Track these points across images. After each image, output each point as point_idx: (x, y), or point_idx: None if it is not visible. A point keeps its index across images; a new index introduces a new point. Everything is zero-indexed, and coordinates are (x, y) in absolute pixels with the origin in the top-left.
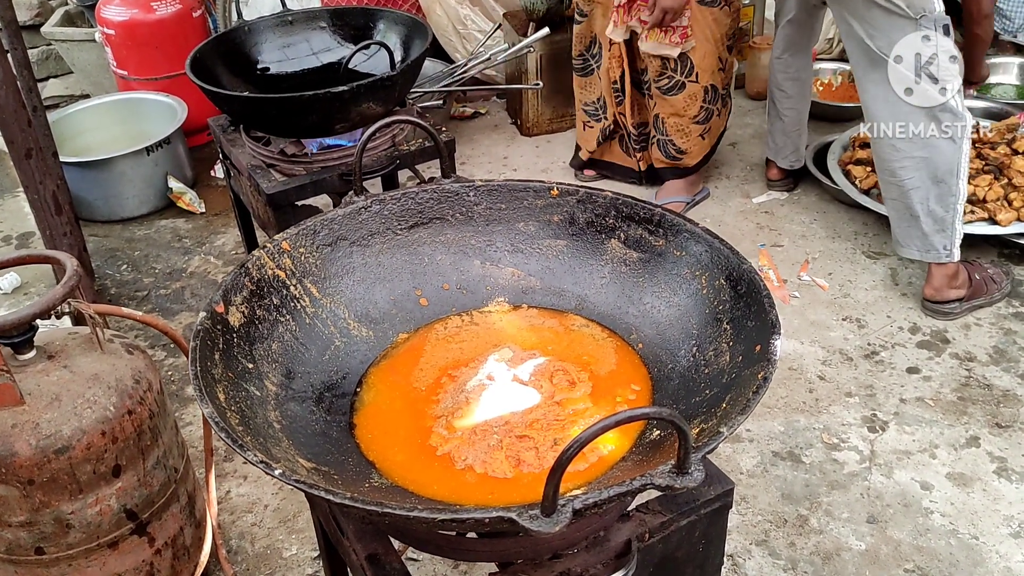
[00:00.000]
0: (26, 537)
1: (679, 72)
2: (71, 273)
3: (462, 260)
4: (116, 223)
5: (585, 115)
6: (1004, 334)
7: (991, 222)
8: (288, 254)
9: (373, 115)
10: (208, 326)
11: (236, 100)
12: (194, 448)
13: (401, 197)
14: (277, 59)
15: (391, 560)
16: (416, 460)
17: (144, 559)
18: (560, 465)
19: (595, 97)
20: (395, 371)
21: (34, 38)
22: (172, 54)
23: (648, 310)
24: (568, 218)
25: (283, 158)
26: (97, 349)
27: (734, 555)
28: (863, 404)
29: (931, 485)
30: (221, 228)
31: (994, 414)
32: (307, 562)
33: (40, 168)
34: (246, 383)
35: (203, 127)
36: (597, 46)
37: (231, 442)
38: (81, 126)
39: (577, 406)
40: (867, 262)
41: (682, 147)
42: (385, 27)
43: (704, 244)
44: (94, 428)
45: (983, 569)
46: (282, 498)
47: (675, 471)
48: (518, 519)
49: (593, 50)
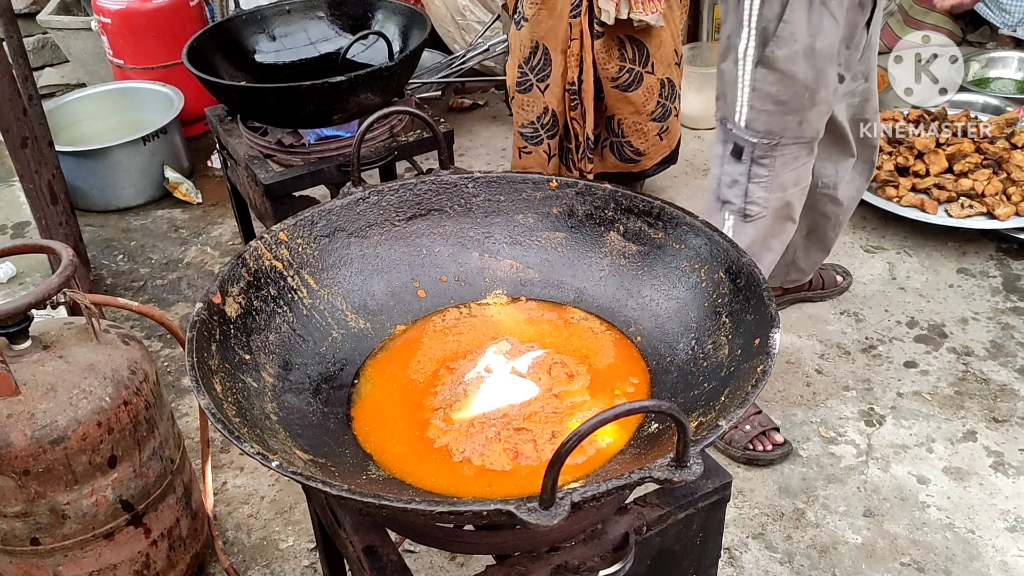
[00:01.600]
0: (21, 528)
1: (637, 62)
2: (67, 263)
3: (460, 252)
4: (112, 213)
5: (522, 140)
6: (1001, 329)
7: (989, 216)
8: (285, 245)
9: (371, 106)
10: (205, 317)
11: (233, 90)
12: (190, 439)
13: (399, 188)
14: (275, 49)
15: (388, 552)
16: (414, 452)
17: (140, 550)
18: (559, 457)
19: (536, 115)
20: (393, 363)
21: (30, 26)
22: (169, 43)
23: (647, 303)
24: (567, 210)
25: (280, 148)
26: (93, 339)
27: (731, 548)
28: (860, 398)
29: (928, 479)
30: (218, 219)
31: (991, 408)
32: (303, 554)
33: (36, 157)
34: (243, 374)
35: (200, 117)
36: (541, 54)
37: (228, 433)
38: (77, 115)
39: (575, 399)
40: (865, 256)
41: (640, 148)
42: (383, 17)
43: (704, 237)
44: (90, 419)
45: (979, 563)
46: (278, 490)
47: (674, 464)
48: (516, 512)
49: (534, 61)
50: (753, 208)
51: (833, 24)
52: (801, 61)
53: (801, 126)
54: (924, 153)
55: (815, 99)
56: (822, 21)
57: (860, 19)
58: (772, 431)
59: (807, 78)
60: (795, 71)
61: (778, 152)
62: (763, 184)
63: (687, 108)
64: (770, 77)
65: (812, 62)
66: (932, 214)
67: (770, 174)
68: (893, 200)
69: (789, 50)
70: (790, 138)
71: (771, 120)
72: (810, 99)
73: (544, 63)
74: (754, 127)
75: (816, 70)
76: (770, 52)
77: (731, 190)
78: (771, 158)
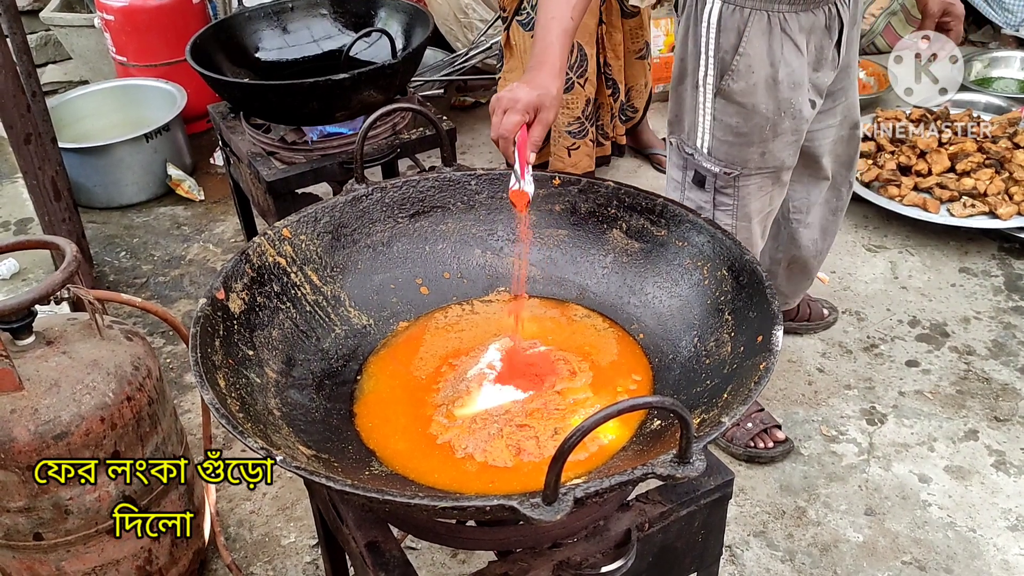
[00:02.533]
0: (24, 523)
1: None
2: (70, 259)
3: (463, 249)
4: (115, 210)
5: (569, 138)
6: (1003, 328)
7: (992, 216)
8: (289, 241)
9: (374, 103)
10: (209, 312)
11: (236, 87)
12: (192, 435)
13: (403, 185)
14: (277, 46)
15: (391, 548)
16: (416, 448)
17: (142, 546)
18: (563, 453)
19: (580, 110)
20: (395, 359)
21: (33, 23)
22: (172, 40)
23: (649, 300)
24: (570, 207)
25: (283, 146)
26: (96, 335)
27: (732, 546)
28: (862, 397)
29: (929, 478)
30: (220, 216)
31: (993, 407)
32: (305, 550)
33: (39, 154)
34: (246, 370)
35: (202, 114)
36: (577, 52)
37: (232, 428)
38: (80, 112)
39: (578, 396)
40: (867, 255)
41: (636, 105)
42: (386, 15)
43: (706, 235)
44: (93, 414)
45: (980, 562)
46: (280, 486)
47: (677, 461)
48: (520, 507)
49: (571, 60)
50: None
51: (795, 52)
52: (761, 93)
53: (764, 157)
54: (926, 152)
55: (777, 130)
56: (782, 50)
57: (827, 42)
58: (774, 429)
59: (768, 110)
60: (755, 103)
61: (741, 183)
62: (728, 211)
63: None
64: (729, 109)
65: (774, 93)
66: (934, 213)
67: (735, 203)
68: (895, 199)
69: (747, 83)
70: (753, 168)
71: (732, 151)
72: (772, 130)
73: (581, 59)
74: (717, 156)
75: (778, 100)
76: (726, 85)
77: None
78: (735, 188)
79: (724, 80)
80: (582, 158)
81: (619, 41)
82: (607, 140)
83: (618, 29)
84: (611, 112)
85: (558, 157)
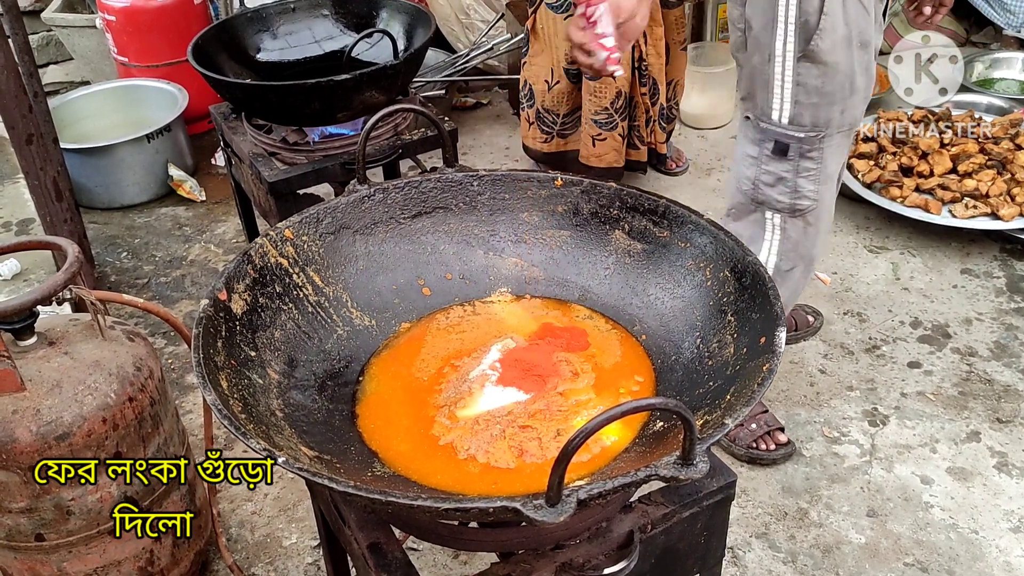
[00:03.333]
0: (26, 523)
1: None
2: (72, 259)
3: (465, 250)
4: (116, 210)
5: (595, 127)
6: (1005, 329)
7: (993, 217)
8: (291, 242)
9: (376, 104)
10: (211, 313)
11: (238, 87)
12: (194, 436)
13: (404, 186)
14: (279, 47)
15: (393, 549)
16: (418, 450)
17: (144, 547)
18: (566, 454)
19: (610, 101)
20: (397, 360)
21: (34, 24)
22: (173, 41)
23: (652, 301)
24: (572, 208)
25: (285, 146)
26: (98, 336)
27: (734, 547)
28: (864, 398)
29: (931, 479)
30: (222, 216)
31: (995, 409)
32: (307, 551)
33: (40, 154)
34: (248, 371)
35: (204, 115)
36: None
37: (234, 429)
38: (81, 113)
39: (580, 397)
40: (869, 256)
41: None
42: (388, 16)
43: (709, 236)
44: (95, 415)
45: (982, 563)
46: (282, 487)
47: (680, 462)
48: (523, 509)
49: None
50: (803, 202)
51: (863, 12)
52: (842, 50)
53: (843, 115)
54: (928, 153)
55: (854, 86)
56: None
57: (880, 7)
58: (776, 431)
59: (848, 67)
60: (838, 61)
61: (825, 143)
62: (812, 177)
63: (690, 108)
64: (814, 70)
65: (849, 51)
66: (936, 214)
67: (818, 166)
68: (897, 200)
69: (832, 41)
70: (835, 128)
71: (817, 112)
72: (850, 87)
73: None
74: (800, 122)
75: (852, 59)
76: (815, 45)
77: (774, 189)
78: (819, 150)
79: (812, 41)
80: (608, 151)
81: (660, 36)
82: (643, 145)
83: (659, 22)
84: (648, 114)
85: (584, 144)
